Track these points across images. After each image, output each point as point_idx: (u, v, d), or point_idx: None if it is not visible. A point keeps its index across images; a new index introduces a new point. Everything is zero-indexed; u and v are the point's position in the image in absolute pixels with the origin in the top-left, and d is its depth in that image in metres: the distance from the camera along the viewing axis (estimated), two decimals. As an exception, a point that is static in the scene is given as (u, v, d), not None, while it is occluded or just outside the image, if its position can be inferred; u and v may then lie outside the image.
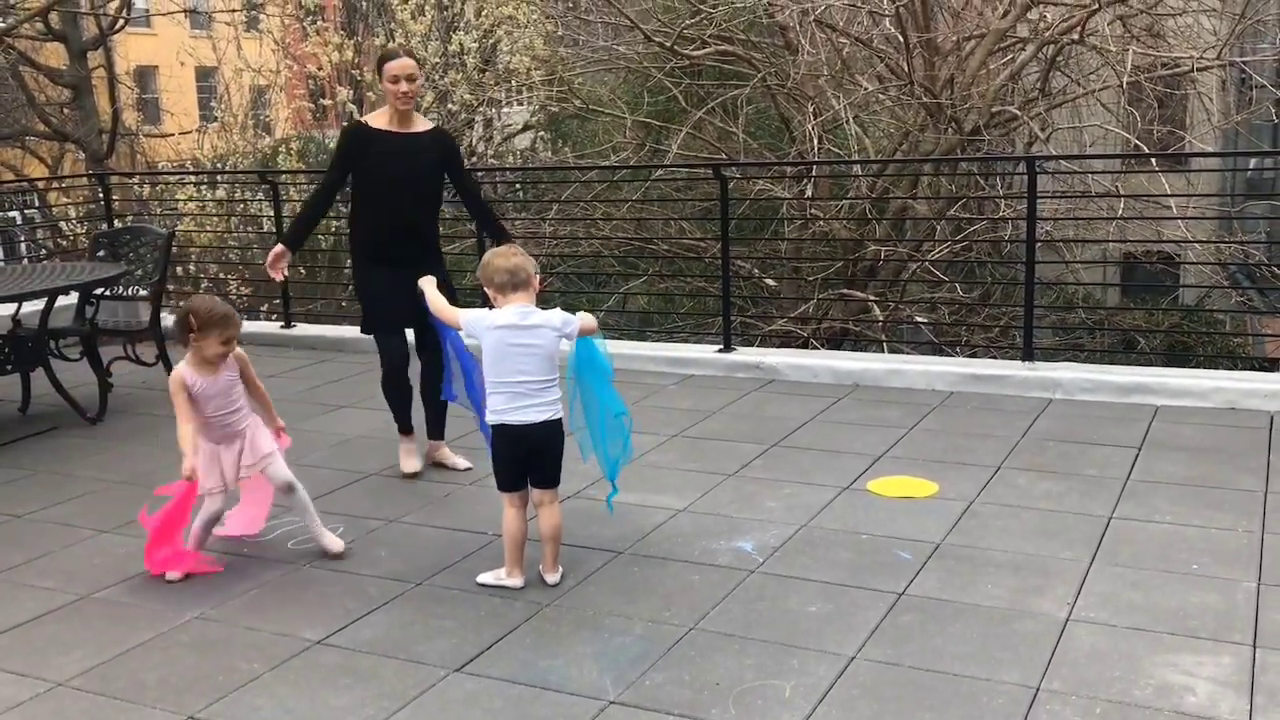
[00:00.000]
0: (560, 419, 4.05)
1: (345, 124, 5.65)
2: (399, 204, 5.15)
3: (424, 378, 5.33)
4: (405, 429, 5.47)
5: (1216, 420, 5.85)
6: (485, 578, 4.13)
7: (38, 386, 6.75)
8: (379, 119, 5.20)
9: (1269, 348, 14.60)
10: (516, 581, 4.08)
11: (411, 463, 5.40)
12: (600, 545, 4.45)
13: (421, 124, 5.27)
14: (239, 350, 4.42)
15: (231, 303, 13.05)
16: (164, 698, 3.42)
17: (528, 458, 4.05)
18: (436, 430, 5.48)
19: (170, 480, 5.43)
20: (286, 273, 5.35)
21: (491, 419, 4.04)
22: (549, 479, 4.10)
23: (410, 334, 5.39)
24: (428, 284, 4.49)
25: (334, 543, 4.47)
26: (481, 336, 4.02)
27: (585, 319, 4.16)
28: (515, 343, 3.97)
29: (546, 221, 12.74)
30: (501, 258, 4.06)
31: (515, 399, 3.98)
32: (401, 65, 5.08)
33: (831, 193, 12.56)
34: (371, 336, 5.39)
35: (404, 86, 5.08)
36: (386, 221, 5.18)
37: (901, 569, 4.15)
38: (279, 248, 5.27)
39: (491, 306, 4.11)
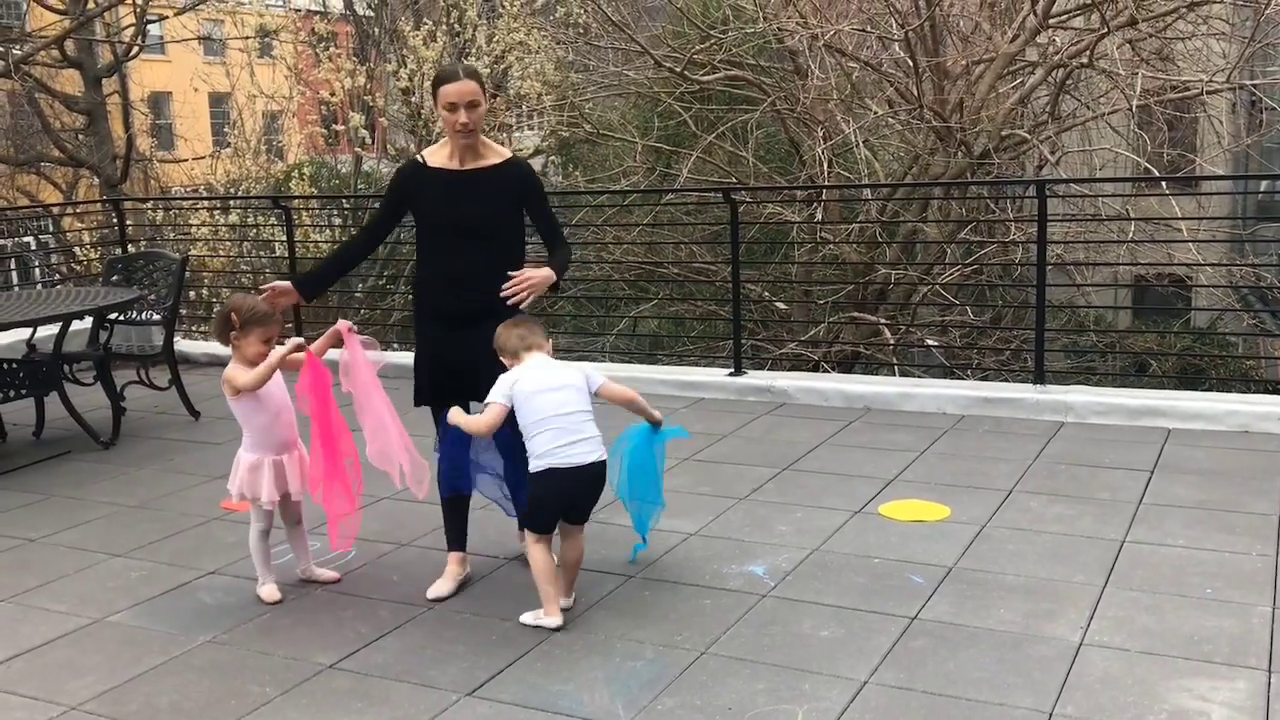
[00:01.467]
0: (605, 459, 4.03)
1: (401, 163, 4.58)
2: (451, 253, 4.26)
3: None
4: (455, 544, 4.45)
5: (1230, 443, 5.83)
6: (526, 619, 3.99)
7: (51, 411, 6.78)
8: (438, 154, 4.32)
9: (1282, 370, 14.54)
10: (556, 620, 3.94)
11: (442, 584, 4.35)
12: (611, 569, 4.45)
13: (494, 156, 4.31)
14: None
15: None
16: (176, 722, 3.42)
17: (572, 501, 4.01)
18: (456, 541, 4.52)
19: (180, 500, 5.47)
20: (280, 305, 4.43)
21: (537, 465, 3.92)
22: (586, 517, 4.09)
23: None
24: (456, 415, 4.03)
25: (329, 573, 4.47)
26: (510, 394, 3.95)
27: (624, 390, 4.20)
28: (546, 385, 3.96)
29: (557, 245, 12.75)
30: (510, 326, 4.07)
31: (561, 435, 3.90)
32: (460, 90, 4.11)
33: (841, 216, 12.59)
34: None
35: (463, 117, 4.12)
36: (439, 273, 4.30)
37: (914, 593, 4.14)
38: (286, 285, 4.43)
39: None
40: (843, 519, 4.92)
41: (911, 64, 11.48)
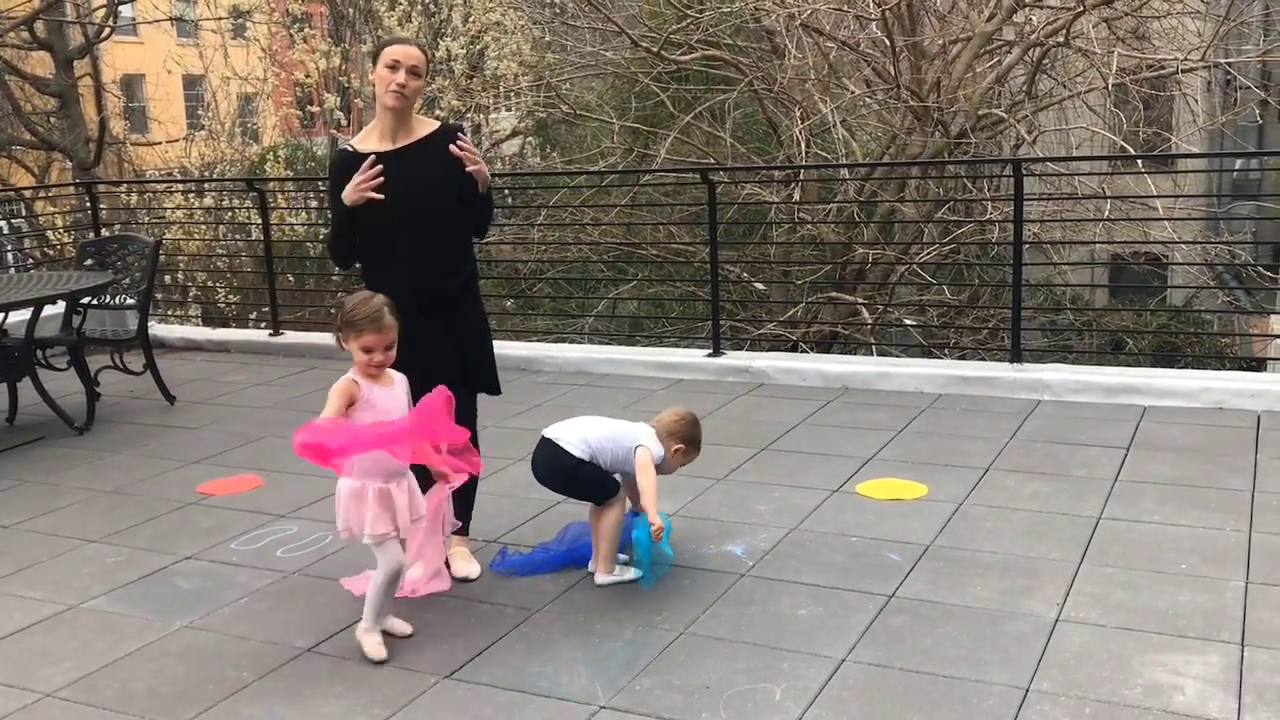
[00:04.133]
0: (556, 442, 4.11)
1: (331, 154, 4.45)
2: (408, 238, 4.05)
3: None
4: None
5: (1204, 420, 5.87)
6: (605, 579, 4.12)
7: (25, 396, 6.72)
8: (367, 139, 4.14)
9: (1256, 347, 14.66)
10: (635, 572, 4.13)
11: (469, 566, 4.26)
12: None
13: (424, 128, 4.14)
14: (402, 375, 3.79)
15: (220, 311, 13.14)
16: (153, 707, 3.40)
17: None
18: (459, 519, 4.32)
19: (156, 485, 5.44)
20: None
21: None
22: (564, 494, 4.29)
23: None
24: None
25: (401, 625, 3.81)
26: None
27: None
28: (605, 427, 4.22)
29: (535, 227, 12.74)
30: (690, 423, 4.33)
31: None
32: (406, 52, 4.00)
33: (819, 196, 12.58)
34: None
35: (400, 77, 3.96)
36: (399, 263, 4.08)
37: (891, 571, 4.15)
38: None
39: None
40: (821, 498, 4.93)
41: (889, 43, 11.46)
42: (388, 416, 3.58)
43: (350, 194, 4.01)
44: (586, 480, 4.11)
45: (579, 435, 4.11)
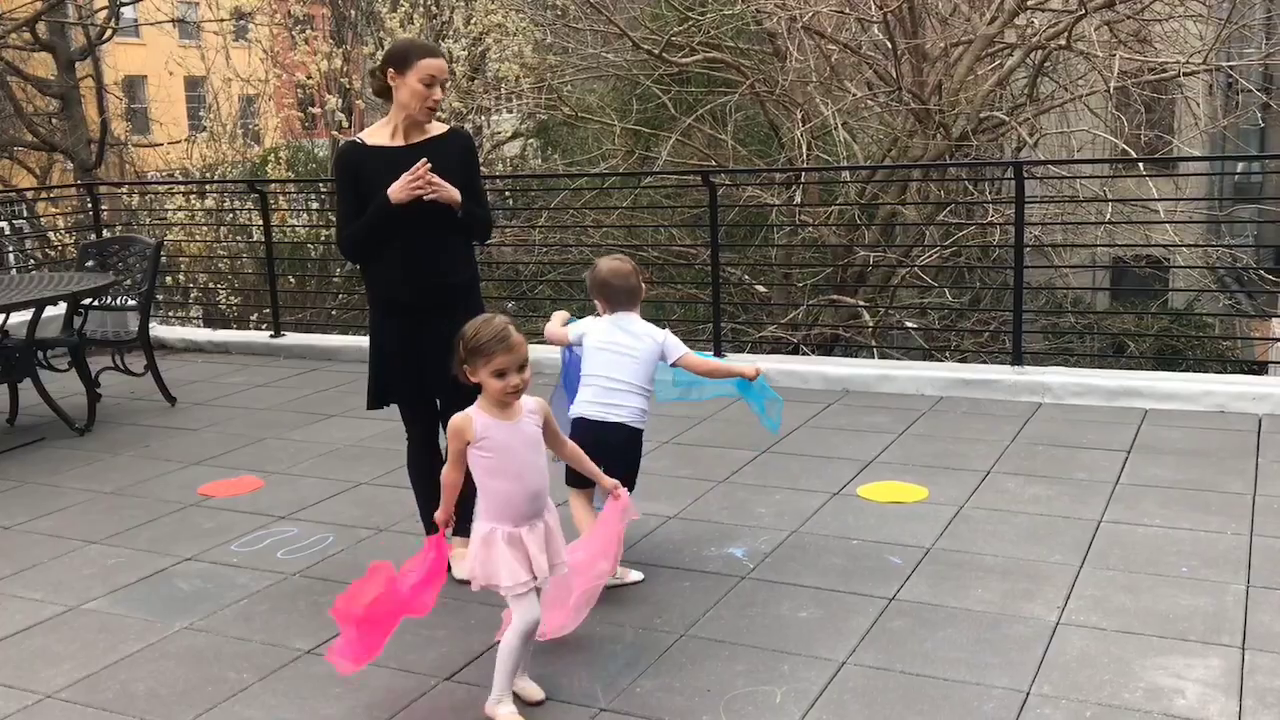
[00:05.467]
0: (629, 426, 4.13)
1: (338, 148, 4.43)
2: (414, 236, 4.06)
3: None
4: (432, 528, 4.34)
5: (1205, 423, 5.87)
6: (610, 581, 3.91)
7: (26, 397, 6.72)
8: (378, 134, 4.17)
9: (1257, 350, 14.65)
10: (639, 574, 4.15)
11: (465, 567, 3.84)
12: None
13: (434, 128, 4.21)
14: (540, 400, 3.39)
15: (221, 313, 13.13)
16: (153, 709, 3.40)
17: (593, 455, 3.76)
18: (459, 524, 4.10)
19: (156, 487, 5.44)
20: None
21: (572, 412, 4.18)
22: (618, 479, 3.79)
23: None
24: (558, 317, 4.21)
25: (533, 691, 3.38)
26: (578, 336, 4.23)
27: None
28: (609, 344, 4.16)
29: (536, 229, 12.75)
30: (627, 270, 4.27)
31: (597, 393, 4.13)
32: (440, 66, 4.05)
33: (821, 199, 12.58)
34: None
35: (438, 94, 4.06)
36: (403, 261, 4.11)
37: (892, 574, 4.15)
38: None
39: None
40: (821, 501, 4.93)
41: (890, 46, 11.46)
42: (509, 456, 3.22)
43: (399, 192, 4.01)
44: (639, 455, 4.23)
45: (629, 404, 4.11)
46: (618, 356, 4.14)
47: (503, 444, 3.22)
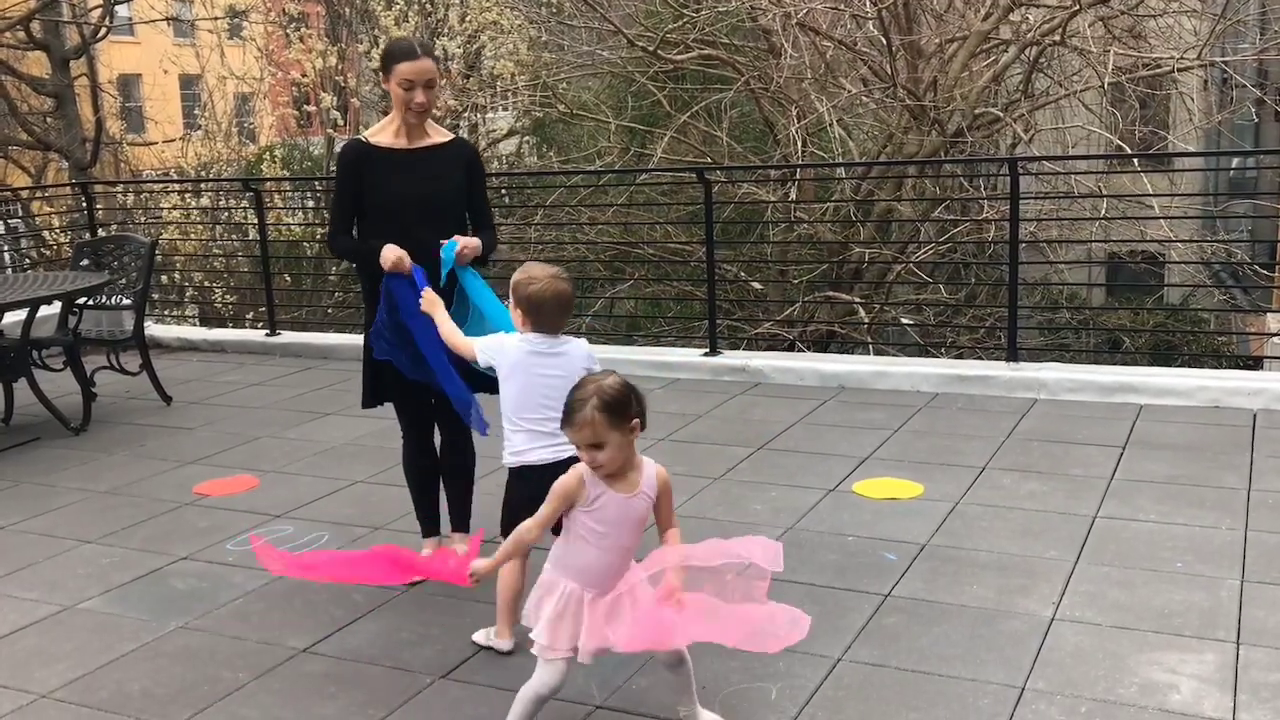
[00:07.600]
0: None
1: (343, 145, 4.24)
2: (412, 238, 3.99)
3: (443, 453, 4.39)
4: (428, 528, 4.41)
5: (1200, 419, 5.88)
6: (478, 637, 3.72)
7: (20, 397, 6.72)
8: (383, 134, 4.15)
9: (1252, 346, 14.66)
10: (506, 644, 3.64)
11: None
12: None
13: (439, 134, 4.22)
14: (661, 469, 3.05)
15: (216, 311, 13.12)
16: (148, 708, 3.40)
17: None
18: (459, 519, 4.40)
19: (151, 486, 5.43)
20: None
21: (512, 460, 3.52)
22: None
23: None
24: (434, 306, 3.81)
25: None
26: (494, 359, 3.53)
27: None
28: (543, 371, 3.45)
29: (532, 226, 12.73)
30: (559, 284, 3.50)
31: (538, 438, 3.46)
32: (418, 69, 3.98)
33: (816, 195, 12.58)
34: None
35: (419, 96, 4.00)
36: None
37: (887, 570, 4.15)
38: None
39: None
40: (817, 497, 4.93)
41: (885, 42, 11.46)
42: (619, 531, 2.95)
43: (389, 260, 3.91)
44: None
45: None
46: (552, 387, 3.39)
47: (615, 519, 2.94)
